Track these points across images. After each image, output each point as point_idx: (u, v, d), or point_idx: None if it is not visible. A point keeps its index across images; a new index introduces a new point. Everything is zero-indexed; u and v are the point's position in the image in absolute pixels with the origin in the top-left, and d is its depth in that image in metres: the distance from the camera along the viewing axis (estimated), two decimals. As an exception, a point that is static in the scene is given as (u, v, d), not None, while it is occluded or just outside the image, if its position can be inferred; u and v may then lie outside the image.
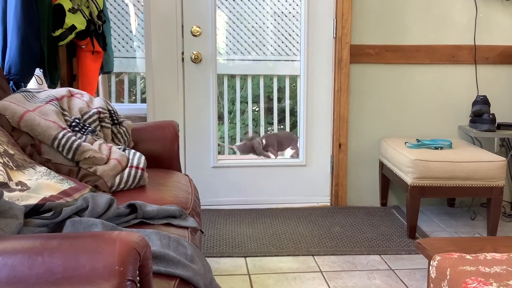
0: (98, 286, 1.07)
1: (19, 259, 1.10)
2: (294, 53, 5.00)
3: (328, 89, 3.47)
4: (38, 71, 2.64)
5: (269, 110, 5.11)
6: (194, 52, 3.34)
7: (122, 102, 5.18)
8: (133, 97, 5.40)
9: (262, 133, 5.00)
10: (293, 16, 4.98)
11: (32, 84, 2.70)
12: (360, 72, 3.43)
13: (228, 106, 5.06)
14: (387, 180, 3.45)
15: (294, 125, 5.12)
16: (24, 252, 1.11)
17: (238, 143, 4.87)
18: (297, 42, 4.97)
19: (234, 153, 5.03)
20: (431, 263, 1.58)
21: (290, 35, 4.99)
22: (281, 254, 2.76)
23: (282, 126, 5.16)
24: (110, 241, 1.13)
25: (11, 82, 2.52)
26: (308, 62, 3.44)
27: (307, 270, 2.59)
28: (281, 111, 5.06)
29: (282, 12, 4.98)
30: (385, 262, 2.69)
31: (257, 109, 5.18)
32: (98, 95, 3.55)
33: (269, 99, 5.16)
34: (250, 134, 4.89)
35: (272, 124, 5.10)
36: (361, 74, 3.44)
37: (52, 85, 2.65)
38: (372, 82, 3.45)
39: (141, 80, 5.14)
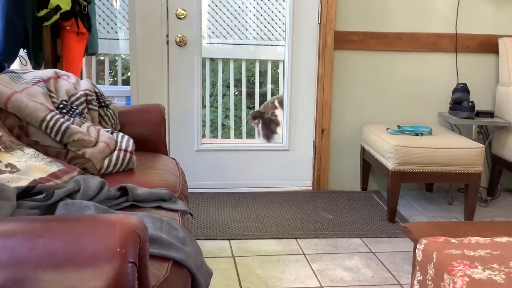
0: (100, 268, 1.08)
1: (20, 241, 1.10)
2: (276, 38, 5.01)
3: (312, 75, 3.49)
4: (22, 52, 2.61)
5: (250, 94, 5.12)
6: (179, 35, 3.33)
7: (101, 84, 5.13)
8: (111, 79, 5.35)
9: (243, 116, 5.01)
10: (276, 0, 4.98)
11: (16, 65, 2.67)
12: (344, 58, 3.47)
13: (209, 89, 5.05)
14: (368, 165, 3.51)
15: (274, 110, 5.14)
16: (24, 234, 1.12)
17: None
18: (280, 27, 4.98)
19: (216, 136, 5.05)
20: (417, 247, 1.63)
21: (272, 19, 4.99)
22: (265, 237, 2.80)
23: (262, 111, 5.17)
24: (110, 224, 1.14)
25: (-5, 63, 2.48)
26: (292, 48, 3.45)
27: (290, 252, 2.64)
28: (262, 95, 5.07)
29: (265, -4, 4.98)
30: (366, 245, 2.75)
31: (238, 93, 5.19)
32: (81, 77, 3.52)
33: (250, 83, 5.17)
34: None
35: (253, 108, 5.12)
36: (344, 61, 3.47)
37: (36, 66, 2.62)
38: (355, 69, 3.49)
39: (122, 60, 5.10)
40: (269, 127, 4.54)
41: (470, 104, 3.24)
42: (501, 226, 1.99)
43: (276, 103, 4.56)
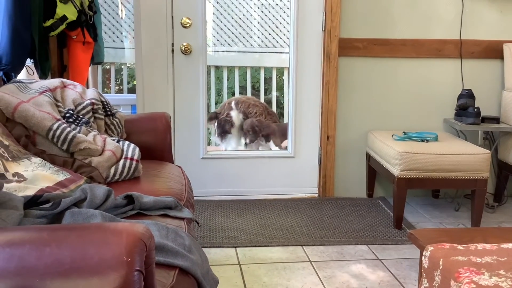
0: (107, 277, 1.08)
1: (27, 250, 1.11)
2: (281, 45, 5.02)
3: (317, 81, 3.50)
4: (28, 62, 2.63)
5: (255, 102, 5.13)
6: (184, 44, 3.35)
7: (107, 93, 5.16)
8: (117, 87, 5.38)
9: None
10: (280, 8, 5.00)
11: (22, 75, 2.69)
12: (349, 65, 3.47)
13: (215, 97, 5.07)
14: (374, 172, 3.51)
15: (279, 116, 5.15)
16: (32, 243, 1.12)
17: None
18: (284, 34, 5.00)
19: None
20: (423, 253, 1.63)
21: (277, 27, 5.01)
22: (271, 244, 2.80)
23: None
24: (117, 232, 1.15)
25: (1, 73, 2.50)
26: (297, 55, 3.46)
27: (296, 260, 2.63)
28: (267, 102, 5.08)
29: (269, 4, 5.00)
30: (373, 252, 2.75)
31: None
32: (87, 86, 3.54)
33: (255, 90, 5.18)
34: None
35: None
36: (349, 67, 3.48)
37: (43, 75, 2.64)
38: (360, 75, 3.50)
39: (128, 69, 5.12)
40: (224, 128, 4.57)
41: (475, 110, 3.24)
42: (508, 232, 1.99)
43: (232, 105, 4.58)
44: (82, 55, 2.85)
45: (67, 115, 2.18)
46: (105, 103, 2.41)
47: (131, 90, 5.13)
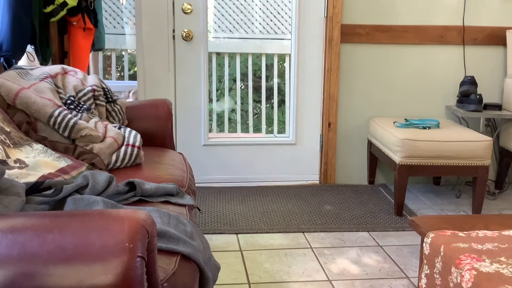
0: (109, 263, 1.09)
1: (30, 236, 1.12)
2: (282, 32, 4.99)
3: (319, 68, 3.49)
4: (29, 48, 2.62)
5: (256, 88, 5.12)
6: (185, 30, 3.33)
7: (108, 79, 5.15)
8: (118, 74, 5.36)
9: (250, 110, 5.01)
10: (282, -6, 4.96)
11: (23, 61, 2.68)
12: (351, 51, 3.46)
13: (216, 84, 5.05)
14: (375, 159, 3.51)
15: (280, 103, 5.14)
16: (34, 230, 1.13)
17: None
18: (286, 21, 4.97)
19: (223, 130, 5.05)
20: (425, 240, 1.63)
21: (279, 13, 4.98)
22: (272, 231, 2.80)
23: (268, 105, 5.18)
24: (119, 219, 1.15)
25: (2, 59, 2.50)
26: (299, 41, 3.45)
27: (297, 246, 2.64)
28: (269, 89, 5.07)
29: (271, -10, 4.96)
30: (373, 238, 2.75)
31: (244, 87, 5.19)
32: (88, 73, 3.53)
33: (256, 77, 5.16)
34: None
35: (259, 102, 5.11)
36: (351, 54, 3.46)
37: (43, 62, 2.63)
38: (362, 62, 3.48)
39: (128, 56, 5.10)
40: None
41: (477, 97, 3.23)
42: (509, 219, 1.99)
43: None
44: (83, 41, 2.84)
45: (68, 101, 2.17)
46: (106, 89, 2.40)
47: (132, 77, 5.11)
